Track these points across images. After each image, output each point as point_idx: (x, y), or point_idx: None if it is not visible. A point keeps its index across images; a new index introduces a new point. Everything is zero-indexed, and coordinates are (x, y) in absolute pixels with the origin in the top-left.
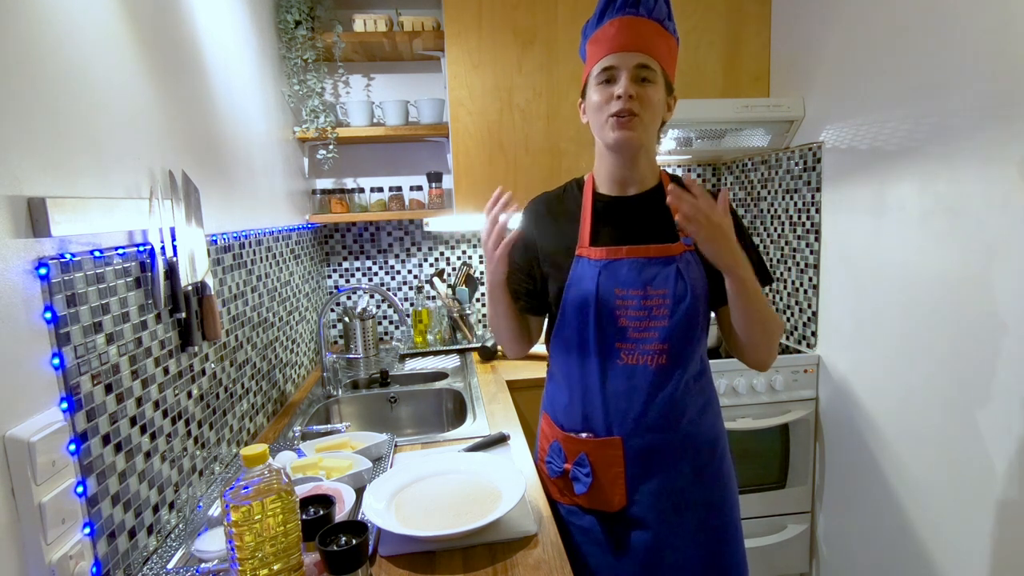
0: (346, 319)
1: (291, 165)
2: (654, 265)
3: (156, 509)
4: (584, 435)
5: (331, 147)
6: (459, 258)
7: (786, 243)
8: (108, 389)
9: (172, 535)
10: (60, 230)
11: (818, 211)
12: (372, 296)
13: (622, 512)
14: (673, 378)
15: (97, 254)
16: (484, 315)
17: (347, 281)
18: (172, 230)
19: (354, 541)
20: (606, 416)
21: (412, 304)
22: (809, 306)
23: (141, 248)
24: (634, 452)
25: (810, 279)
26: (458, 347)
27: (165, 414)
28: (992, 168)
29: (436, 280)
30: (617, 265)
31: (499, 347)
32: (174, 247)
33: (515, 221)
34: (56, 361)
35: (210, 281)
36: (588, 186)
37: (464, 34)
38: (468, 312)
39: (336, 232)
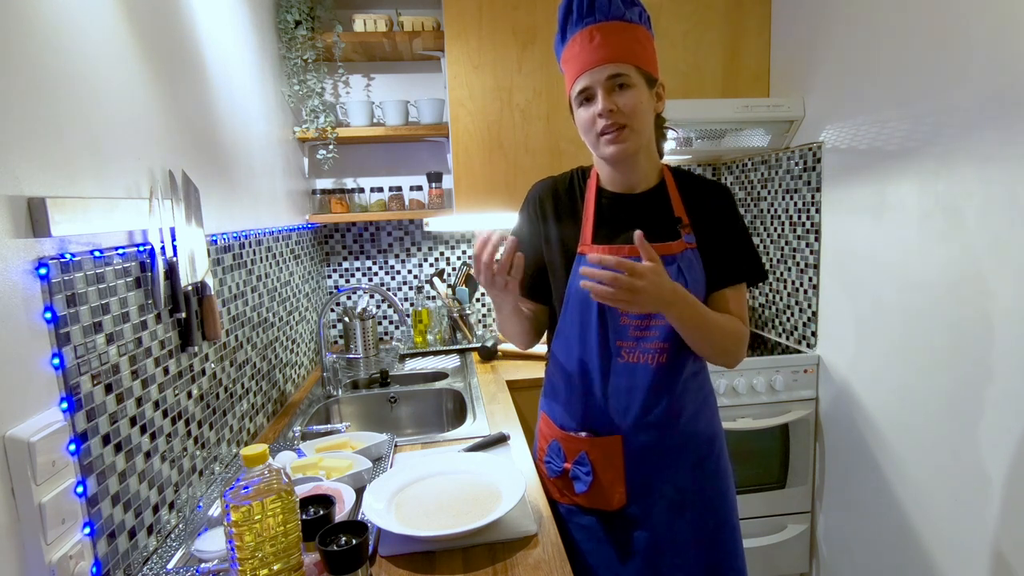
0: (346, 319)
1: (291, 165)
2: None
3: (156, 509)
4: (584, 434)
5: (331, 147)
6: (459, 258)
7: (786, 243)
8: (108, 389)
9: (172, 535)
10: (60, 230)
11: (818, 211)
12: (372, 296)
13: (621, 511)
14: (672, 376)
15: (97, 254)
16: (484, 315)
17: (347, 281)
18: (172, 230)
19: (354, 541)
20: (606, 414)
21: (412, 304)
22: (809, 306)
23: (141, 248)
24: (634, 450)
25: (810, 279)
26: (458, 347)
27: (165, 414)
28: (992, 168)
29: (436, 280)
30: None
31: (499, 347)
32: (174, 247)
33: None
34: (56, 361)
35: (210, 281)
36: (592, 180)
37: (464, 34)
38: (468, 312)
39: (336, 232)
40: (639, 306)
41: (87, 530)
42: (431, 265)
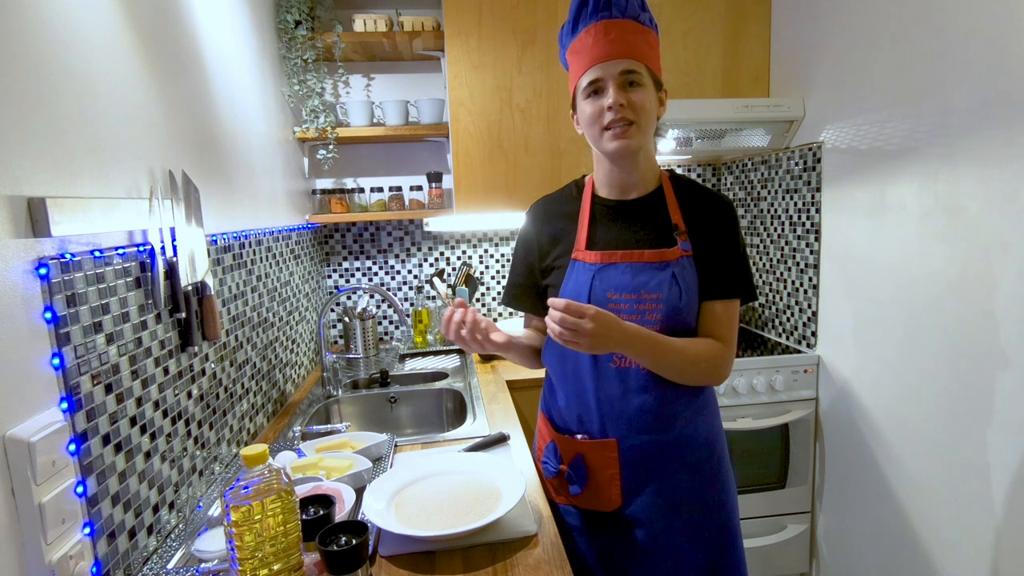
0: (346, 319)
1: (291, 165)
2: (649, 270)
3: (156, 509)
4: (579, 436)
5: (331, 147)
6: (459, 258)
7: (786, 243)
8: (108, 389)
9: (172, 535)
10: (60, 230)
11: (818, 211)
12: (372, 296)
13: (617, 512)
14: (665, 381)
15: (97, 254)
16: (484, 315)
17: (347, 281)
18: (172, 230)
19: (354, 541)
20: (601, 418)
21: (412, 304)
22: (809, 306)
23: (141, 248)
24: (629, 453)
25: (810, 279)
26: (458, 347)
27: (165, 414)
28: (992, 168)
29: (436, 280)
30: (611, 269)
31: None
32: (174, 247)
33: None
34: (56, 361)
35: (210, 281)
36: (588, 189)
37: (464, 34)
38: None
39: (336, 232)
40: (590, 348)
41: (87, 530)
42: (431, 265)
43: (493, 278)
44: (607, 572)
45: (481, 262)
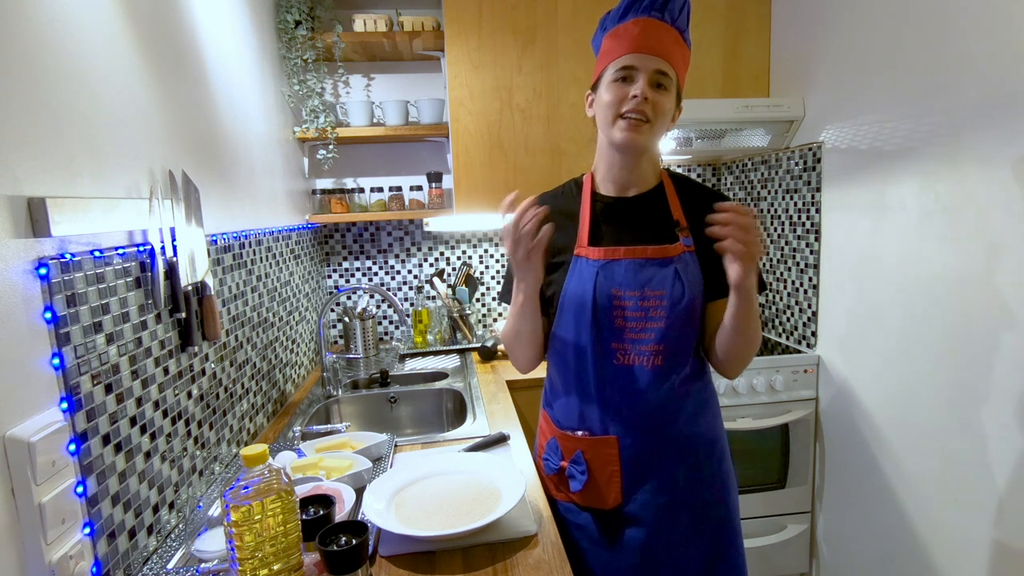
0: (346, 319)
1: (291, 165)
2: (652, 266)
3: (156, 509)
4: (580, 433)
5: (331, 147)
6: (459, 258)
7: (786, 243)
8: (108, 389)
9: (172, 535)
10: (60, 230)
11: (818, 211)
12: (372, 296)
13: (617, 510)
14: (669, 379)
15: (97, 254)
16: (484, 315)
17: (347, 281)
18: (172, 230)
19: (354, 541)
20: (602, 415)
21: (412, 304)
22: (809, 306)
23: (141, 248)
24: (630, 451)
25: (810, 279)
26: (458, 347)
27: (165, 414)
28: (992, 168)
29: (436, 280)
30: (615, 265)
31: (499, 347)
32: (174, 247)
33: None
34: (56, 361)
35: (210, 281)
36: (587, 185)
37: (464, 34)
38: (468, 312)
39: (336, 232)
40: (756, 264)
41: (87, 530)
42: (431, 265)
43: (493, 278)
44: (607, 570)
45: (481, 262)
